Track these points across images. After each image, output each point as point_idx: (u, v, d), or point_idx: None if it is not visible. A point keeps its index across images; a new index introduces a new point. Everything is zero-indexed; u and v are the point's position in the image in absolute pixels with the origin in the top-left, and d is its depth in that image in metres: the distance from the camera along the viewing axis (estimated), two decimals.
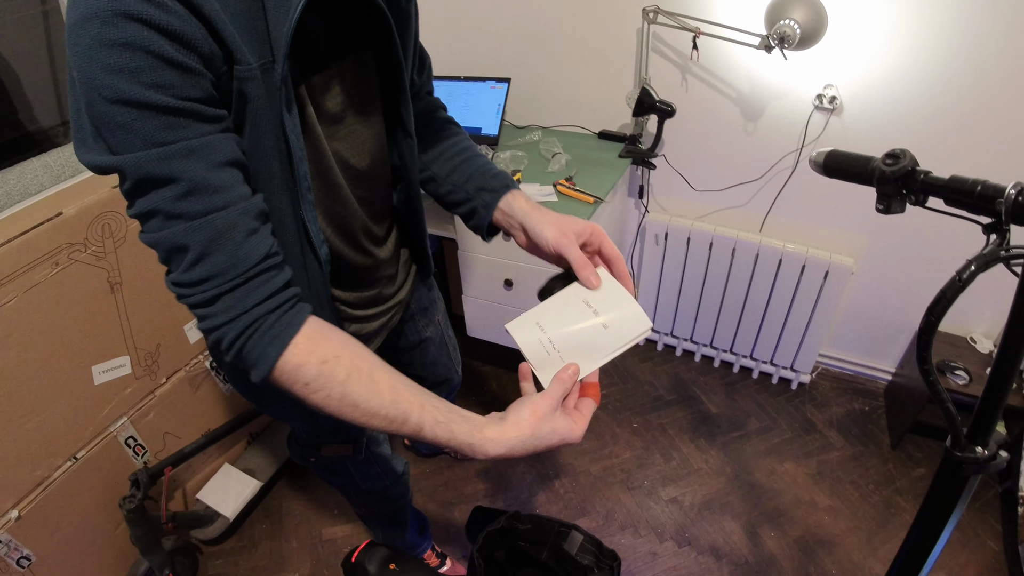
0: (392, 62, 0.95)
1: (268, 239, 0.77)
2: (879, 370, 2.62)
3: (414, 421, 0.76)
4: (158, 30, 0.62)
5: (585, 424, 0.82)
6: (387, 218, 1.16)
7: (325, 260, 0.93)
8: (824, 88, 2.02)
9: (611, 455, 2.41)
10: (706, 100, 2.25)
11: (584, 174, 2.11)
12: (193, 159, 0.68)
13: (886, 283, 2.36)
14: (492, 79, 2.33)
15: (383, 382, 0.77)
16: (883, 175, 0.82)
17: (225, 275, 0.72)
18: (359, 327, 1.18)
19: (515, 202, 1.06)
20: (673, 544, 2.10)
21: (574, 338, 0.86)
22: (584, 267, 0.93)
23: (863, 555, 2.04)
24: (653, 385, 2.72)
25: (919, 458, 2.35)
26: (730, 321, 2.60)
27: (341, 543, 2.17)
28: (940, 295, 0.67)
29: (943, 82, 1.88)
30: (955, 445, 0.82)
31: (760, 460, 2.37)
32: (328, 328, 0.80)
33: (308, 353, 0.75)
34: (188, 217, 0.69)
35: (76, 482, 1.76)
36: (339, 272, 1.06)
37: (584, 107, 2.46)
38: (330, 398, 0.75)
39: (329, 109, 0.90)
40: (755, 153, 2.28)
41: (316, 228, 0.89)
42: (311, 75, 0.85)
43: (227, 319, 0.74)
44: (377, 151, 1.04)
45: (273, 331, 0.74)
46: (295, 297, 0.79)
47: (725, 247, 2.41)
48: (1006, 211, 0.67)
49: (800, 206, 2.32)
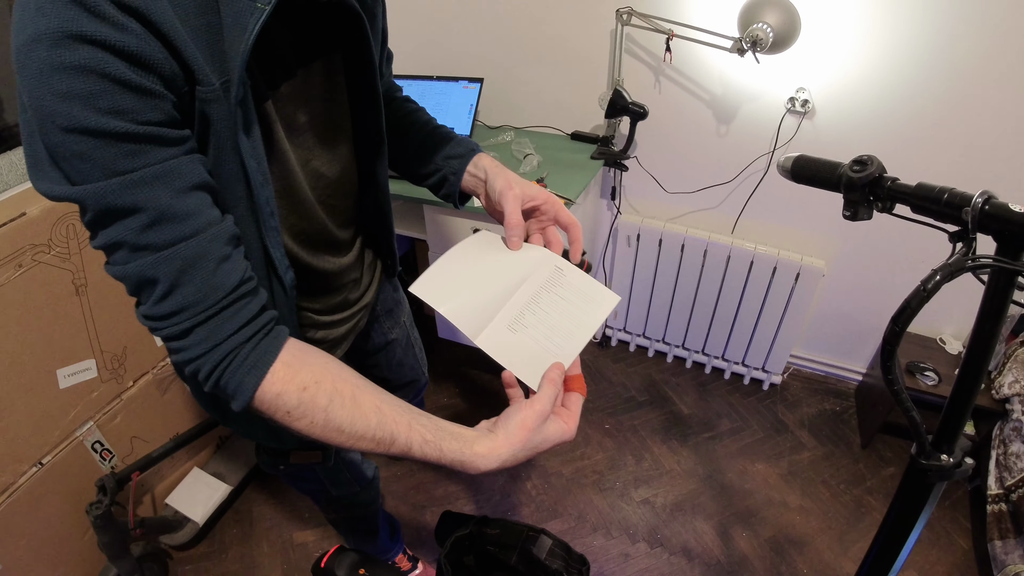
0: (364, 65, 0.93)
1: (241, 264, 0.74)
2: (850, 371, 2.65)
3: (402, 441, 0.74)
4: (113, 51, 0.58)
5: (576, 421, 0.80)
6: (353, 222, 1.14)
7: (290, 285, 0.90)
8: (796, 91, 2.04)
9: (583, 456, 2.41)
10: (679, 102, 2.25)
11: (556, 175, 2.10)
12: (157, 186, 0.64)
13: (857, 285, 2.38)
14: (464, 79, 2.31)
15: (367, 404, 0.75)
16: (850, 182, 0.82)
17: (197, 306, 0.69)
18: (326, 333, 1.16)
19: (481, 162, 1.06)
20: (645, 545, 2.10)
21: (547, 332, 0.84)
22: (514, 227, 0.92)
23: (834, 554, 2.05)
24: (625, 386, 2.72)
25: (889, 457, 2.37)
26: (702, 322, 2.61)
27: (312, 547, 2.14)
28: (904, 305, 0.67)
29: (913, 86, 1.90)
30: (920, 453, 0.82)
31: (732, 461, 2.38)
32: (307, 351, 0.77)
33: (288, 380, 0.72)
34: (155, 248, 0.66)
35: (42, 488, 1.72)
36: (304, 281, 1.04)
37: (557, 108, 2.45)
38: (314, 424, 0.73)
39: (299, 120, 0.88)
40: (727, 155, 2.28)
41: (280, 253, 0.86)
42: (278, 86, 0.82)
43: (202, 351, 0.71)
44: (348, 157, 1.02)
45: (250, 360, 0.72)
46: (271, 321, 0.76)
47: (697, 249, 2.42)
48: (972, 220, 0.67)
49: (772, 208, 2.33)
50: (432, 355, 2.44)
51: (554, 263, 0.92)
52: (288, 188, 0.90)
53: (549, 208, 0.97)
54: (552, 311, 0.86)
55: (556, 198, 0.98)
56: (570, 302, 0.87)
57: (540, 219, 1.00)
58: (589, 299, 0.87)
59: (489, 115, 2.54)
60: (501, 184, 0.97)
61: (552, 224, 0.99)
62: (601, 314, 0.86)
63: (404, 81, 2.37)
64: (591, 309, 0.86)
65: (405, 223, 2.14)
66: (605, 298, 0.88)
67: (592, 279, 0.90)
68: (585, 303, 0.87)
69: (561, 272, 0.91)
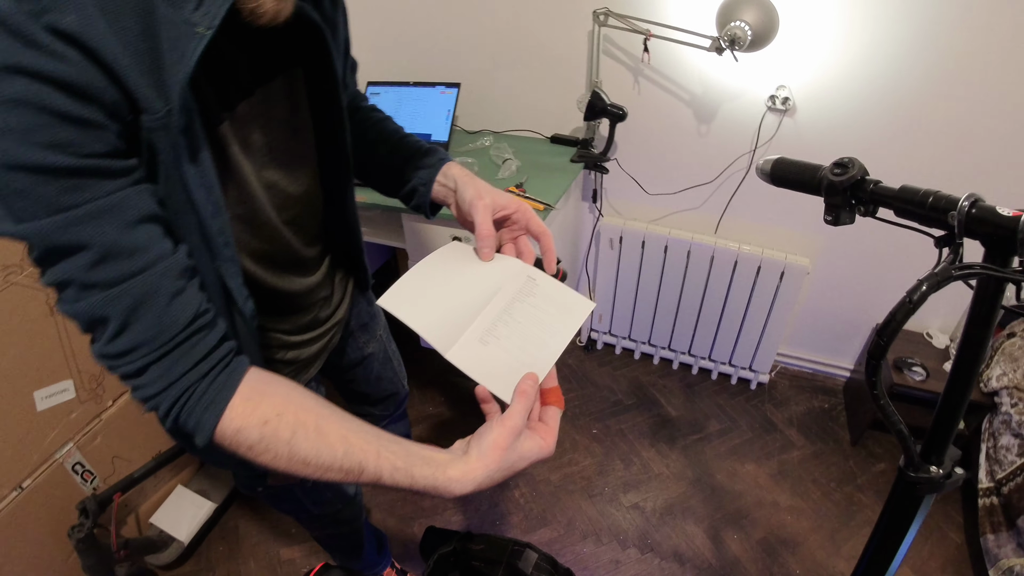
0: (327, 78, 0.89)
1: (196, 297, 0.71)
2: (837, 367, 2.64)
3: (371, 470, 0.71)
4: (50, 82, 0.55)
5: (554, 436, 0.77)
6: (319, 240, 1.11)
7: (250, 316, 0.87)
8: (777, 89, 2.02)
9: (571, 462, 2.38)
10: (658, 103, 2.23)
11: (535, 180, 2.07)
12: (103, 221, 0.61)
13: (842, 281, 2.37)
14: (441, 84, 2.28)
15: (333, 434, 0.71)
16: (831, 185, 0.80)
17: (151, 344, 0.67)
18: (297, 353, 1.13)
19: (450, 171, 1.03)
20: (636, 551, 2.08)
21: (520, 343, 0.81)
22: (485, 237, 0.89)
23: (827, 554, 2.04)
24: (612, 389, 2.70)
25: (879, 454, 2.36)
26: (687, 323, 2.59)
27: (300, 563, 2.11)
28: (890, 318, 0.64)
29: (894, 81, 1.89)
30: (909, 465, 0.80)
31: (721, 462, 2.36)
32: (268, 382, 0.74)
33: (247, 415, 0.70)
34: (104, 286, 0.63)
35: (23, 513, 1.69)
36: (270, 303, 1.01)
37: (536, 111, 2.42)
38: (278, 458, 0.70)
39: (259, 140, 0.84)
40: (709, 155, 2.26)
41: (238, 283, 0.82)
42: (235, 107, 0.79)
43: (158, 389, 0.68)
44: (312, 174, 0.99)
45: (207, 397, 0.69)
46: (230, 353, 0.73)
47: (680, 250, 2.40)
48: (959, 224, 0.65)
49: (755, 207, 2.32)
50: (415, 365, 2.40)
51: (526, 273, 0.89)
52: (249, 213, 0.87)
53: (520, 217, 0.94)
54: (524, 321, 0.83)
55: (528, 207, 0.95)
56: (543, 311, 0.84)
57: (512, 228, 0.97)
58: (562, 307, 0.85)
59: (467, 120, 2.51)
60: (471, 194, 0.94)
61: (524, 234, 0.97)
62: (575, 322, 0.83)
63: (380, 88, 2.34)
64: (565, 317, 0.84)
65: (383, 232, 2.11)
66: (579, 305, 0.85)
67: (566, 287, 0.88)
68: (558, 311, 0.84)
69: (534, 282, 0.88)
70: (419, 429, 2.51)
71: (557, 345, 0.80)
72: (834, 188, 0.79)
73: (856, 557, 1.98)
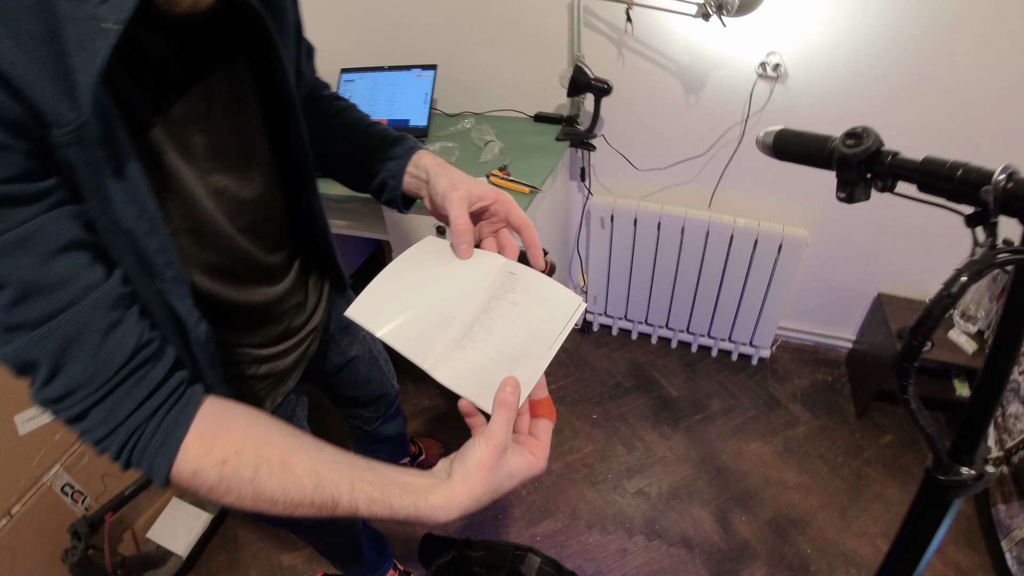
0: (273, 68, 0.80)
1: (135, 329, 0.63)
2: (839, 339, 2.58)
3: (345, 504, 0.64)
4: None
5: (546, 452, 0.69)
6: (284, 245, 1.02)
7: (205, 341, 0.79)
8: (767, 56, 1.93)
9: (572, 450, 2.32)
10: (644, 75, 2.14)
11: (520, 162, 1.99)
12: (18, 255, 0.54)
13: (841, 251, 2.30)
14: (417, 67, 2.18)
15: (299, 468, 0.65)
16: (844, 158, 0.72)
17: (89, 386, 0.60)
18: (271, 367, 1.06)
19: (421, 161, 0.94)
20: (643, 538, 2.03)
21: (499, 345, 0.73)
22: (461, 232, 0.81)
23: (836, 531, 2.00)
24: (610, 372, 2.64)
25: (886, 425, 2.31)
26: (685, 300, 2.53)
27: (302, 568, 2.05)
28: (925, 314, 0.57)
29: (891, 42, 1.81)
30: (937, 467, 0.72)
31: (725, 442, 2.31)
32: (226, 415, 0.67)
33: (203, 456, 0.63)
34: (28, 327, 0.56)
35: (14, 539, 1.64)
36: (234, 318, 0.93)
37: (517, 90, 2.33)
38: (242, 499, 0.63)
39: (200, 143, 0.76)
40: (699, 127, 2.18)
41: (187, 307, 0.74)
42: (168, 109, 0.70)
43: (104, 433, 0.62)
44: (268, 175, 0.90)
45: (157, 438, 0.62)
46: (181, 385, 0.66)
47: (674, 226, 2.32)
48: (995, 201, 0.57)
49: (749, 179, 2.24)
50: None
51: (506, 268, 0.81)
52: (196, 224, 0.79)
53: (500, 208, 0.85)
54: (503, 321, 0.74)
55: (508, 196, 0.85)
56: (525, 309, 0.75)
57: (492, 221, 0.88)
58: (547, 304, 0.76)
59: (447, 102, 2.41)
60: (444, 184, 0.86)
61: (504, 226, 0.88)
62: (562, 322, 0.74)
63: (354, 75, 2.24)
64: (550, 316, 0.74)
65: (364, 224, 2.03)
66: (567, 302, 0.76)
67: (551, 281, 0.79)
68: (542, 309, 0.75)
69: (514, 276, 0.79)
70: (415, 423, 2.45)
71: (543, 349, 0.72)
72: (847, 161, 0.71)
73: (866, 533, 1.97)
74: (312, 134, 1.00)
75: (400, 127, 2.14)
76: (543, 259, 0.84)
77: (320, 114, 1.06)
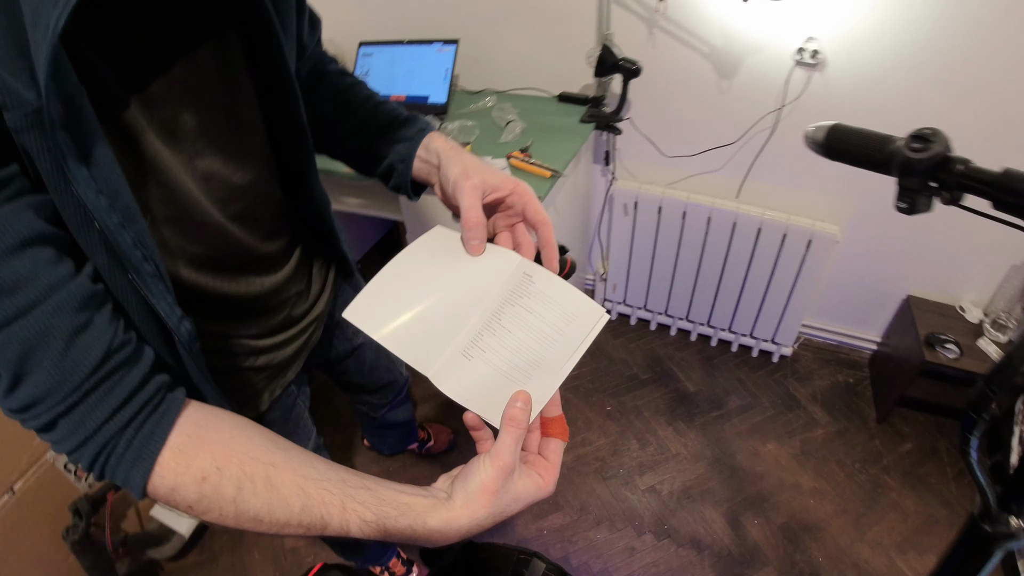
0: (267, 41, 0.73)
1: (106, 331, 0.58)
2: (864, 339, 2.49)
3: (336, 525, 0.59)
4: None
5: (555, 474, 0.63)
6: (283, 232, 0.96)
7: (189, 340, 0.72)
8: (806, 41, 1.83)
9: (584, 442, 2.27)
10: (675, 56, 2.04)
11: (541, 143, 1.91)
12: None
13: (872, 249, 2.21)
14: (439, 41, 2.11)
15: (286, 486, 0.59)
16: (908, 163, 0.63)
17: (54, 396, 0.54)
18: (269, 358, 1.00)
19: (432, 144, 0.86)
20: (652, 537, 1.98)
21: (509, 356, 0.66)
22: (473, 227, 0.73)
23: (850, 539, 1.93)
24: (627, 363, 2.57)
25: (906, 432, 2.23)
26: (707, 293, 2.45)
27: (304, 551, 2.04)
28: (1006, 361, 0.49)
29: (940, 32, 1.69)
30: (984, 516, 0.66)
31: (741, 441, 2.24)
32: (208, 426, 0.62)
33: (181, 472, 0.58)
34: None
35: (17, 516, 1.64)
36: (228, 310, 0.88)
37: (542, 68, 2.25)
38: (224, 517, 0.59)
39: (187, 124, 0.70)
40: (730, 114, 2.09)
41: (168, 303, 0.68)
42: (146, 87, 0.64)
43: (74, 445, 0.57)
44: (263, 157, 0.84)
45: (132, 452, 0.58)
46: (159, 392, 0.61)
47: (700, 216, 2.24)
48: None
49: (780, 170, 2.14)
50: None
51: (522, 269, 0.73)
52: (180, 213, 0.73)
53: (517, 200, 0.77)
54: (514, 329, 0.67)
55: (526, 188, 0.77)
56: (540, 317, 0.68)
57: (508, 214, 0.80)
58: (564, 313, 0.68)
59: (468, 79, 2.33)
60: (456, 172, 0.77)
61: (521, 220, 0.79)
62: (581, 333, 0.67)
63: (372, 48, 2.17)
64: (567, 326, 0.67)
65: (379, 204, 1.97)
66: (586, 312, 0.68)
67: (570, 287, 0.71)
68: (559, 318, 0.68)
69: (529, 279, 0.71)
70: (424, 408, 2.41)
71: (558, 362, 0.65)
72: (911, 167, 0.63)
73: (880, 544, 1.90)
74: (316, 112, 0.94)
75: (419, 104, 2.09)
76: (558, 260, 0.77)
77: (325, 91, 0.99)
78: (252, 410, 1.04)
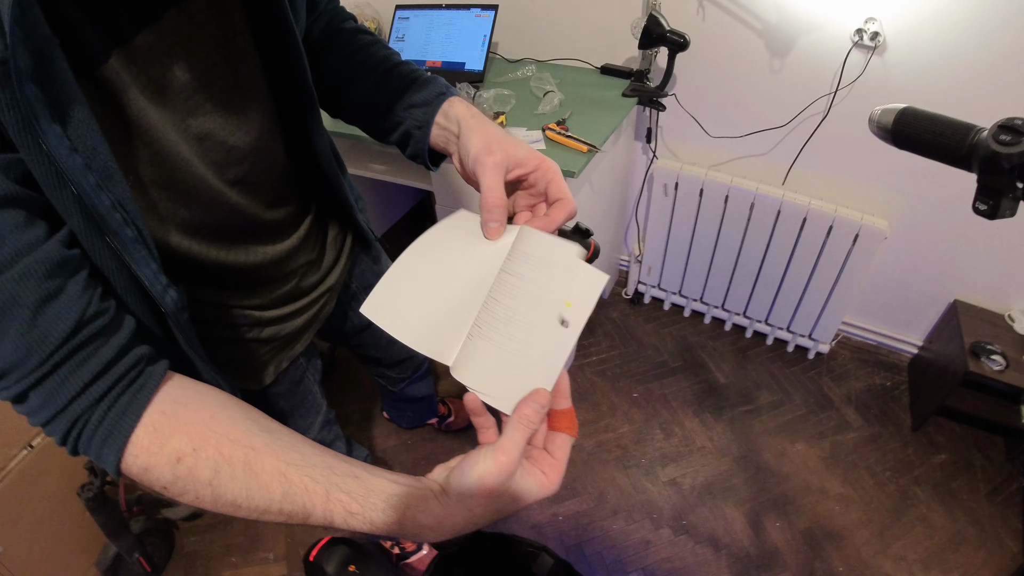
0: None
1: (78, 300, 0.54)
2: (905, 342, 2.37)
3: (319, 514, 0.55)
4: None
5: (560, 472, 0.57)
6: (290, 198, 0.90)
7: (175, 309, 0.68)
8: (865, 22, 1.71)
9: (607, 428, 2.21)
10: (726, 31, 1.93)
11: (580, 116, 1.83)
12: None
13: (922, 248, 2.08)
14: (477, 6, 2.02)
15: (267, 471, 0.56)
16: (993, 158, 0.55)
17: (22, 368, 0.51)
18: (275, 330, 0.96)
19: (452, 110, 0.78)
20: (669, 532, 1.92)
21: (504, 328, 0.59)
22: (493, 208, 0.66)
23: (873, 551, 1.85)
24: (657, 349, 2.49)
25: (941, 443, 2.12)
26: (745, 282, 2.35)
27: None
28: None
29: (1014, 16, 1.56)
30: None
31: (769, 439, 2.16)
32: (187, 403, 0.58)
33: (154, 452, 0.55)
34: None
35: (35, 471, 1.65)
36: (226, 280, 0.83)
37: (584, 37, 2.15)
38: (200, 500, 0.56)
39: (178, 79, 0.64)
40: (781, 95, 1.97)
41: (152, 271, 0.63)
42: (131, 38, 0.59)
43: (46, 418, 0.54)
44: (267, 117, 0.78)
45: (104, 428, 0.55)
46: (137, 365, 0.57)
47: (743, 201, 2.14)
48: None
49: (831, 158, 2.03)
50: None
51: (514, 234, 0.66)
52: (168, 175, 0.67)
53: (540, 178, 0.70)
54: (502, 297, 0.60)
55: (552, 164, 0.69)
56: (523, 277, 0.61)
57: (530, 192, 0.72)
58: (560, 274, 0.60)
59: (507, 47, 2.25)
60: (477, 145, 0.70)
61: (543, 200, 0.72)
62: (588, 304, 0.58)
63: (408, 12, 2.10)
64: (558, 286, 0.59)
65: (406, 173, 1.91)
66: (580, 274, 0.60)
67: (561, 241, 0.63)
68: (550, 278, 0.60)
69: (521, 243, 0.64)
70: (446, 383, 2.36)
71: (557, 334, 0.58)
72: (997, 163, 0.54)
73: (904, 559, 1.81)
74: (329, 72, 0.88)
75: (455, 71, 2.01)
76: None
77: (339, 50, 0.91)
78: (256, 383, 1.00)
